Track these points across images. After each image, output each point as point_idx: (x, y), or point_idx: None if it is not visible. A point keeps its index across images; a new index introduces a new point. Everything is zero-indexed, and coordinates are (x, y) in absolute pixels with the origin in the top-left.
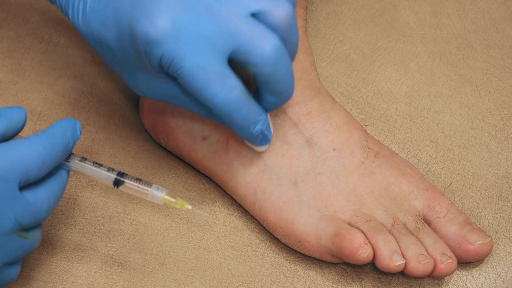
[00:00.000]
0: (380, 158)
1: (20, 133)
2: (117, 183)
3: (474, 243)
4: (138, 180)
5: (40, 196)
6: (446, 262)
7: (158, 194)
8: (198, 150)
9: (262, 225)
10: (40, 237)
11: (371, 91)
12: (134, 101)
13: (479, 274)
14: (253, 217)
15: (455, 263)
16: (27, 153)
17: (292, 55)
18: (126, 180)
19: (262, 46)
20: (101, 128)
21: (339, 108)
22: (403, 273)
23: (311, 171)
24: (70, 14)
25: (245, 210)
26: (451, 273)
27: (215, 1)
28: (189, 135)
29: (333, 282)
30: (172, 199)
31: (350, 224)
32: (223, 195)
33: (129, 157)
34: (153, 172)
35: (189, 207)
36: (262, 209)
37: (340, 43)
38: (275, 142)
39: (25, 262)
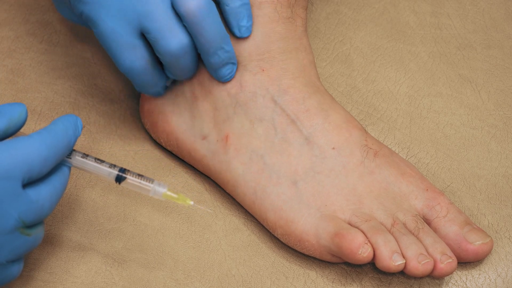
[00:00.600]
0: (380, 157)
1: (21, 131)
2: (119, 179)
3: (474, 243)
4: (140, 176)
5: (43, 193)
6: (446, 261)
7: (160, 189)
8: (197, 149)
9: (262, 225)
10: (42, 234)
11: (371, 91)
12: (134, 101)
13: (479, 274)
14: (253, 217)
15: (455, 263)
16: (30, 151)
17: (207, 49)
18: (128, 176)
19: (168, 40)
20: (101, 128)
21: (338, 107)
22: (403, 273)
23: (310, 170)
24: None
25: (245, 209)
26: (451, 272)
27: None
28: (189, 135)
29: (333, 282)
30: (174, 195)
31: (350, 224)
32: (223, 195)
33: (129, 157)
34: (153, 172)
35: (191, 202)
36: (262, 208)
37: (340, 43)
38: (273, 140)
39: (25, 262)
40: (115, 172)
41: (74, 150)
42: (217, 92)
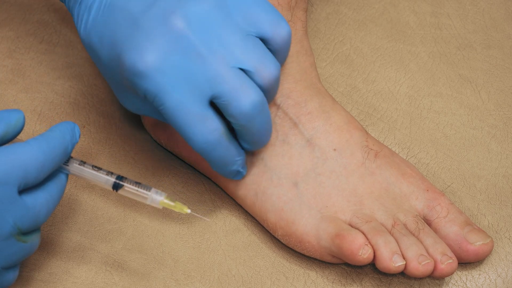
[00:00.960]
0: (381, 158)
1: (21, 132)
2: (116, 186)
3: (475, 244)
4: (137, 183)
5: (39, 200)
6: (446, 262)
7: (157, 198)
8: None
9: (262, 225)
10: (38, 241)
11: (371, 91)
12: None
13: (479, 274)
14: (253, 217)
15: (455, 263)
16: (26, 157)
17: (269, 103)
18: (125, 184)
19: (242, 100)
20: (101, 128)
21: (340, 109)
22: (403, 273)
23: (311, 171)
24: (74, 19)
25: (245, 210)
26: (452, 273)
27: (206, 48)
28: None
29: (333, 282)
30: (171, 203)
31: (350, 225)
32: (223, 196)
33: (129, 158)
34: (153, 172)
35: (188, 211)
36: (262, 209)
37: (340, 43)
38: (275, 142)
39: (25, 263)
40: (112, 179)
41: (71, 157)
42: None
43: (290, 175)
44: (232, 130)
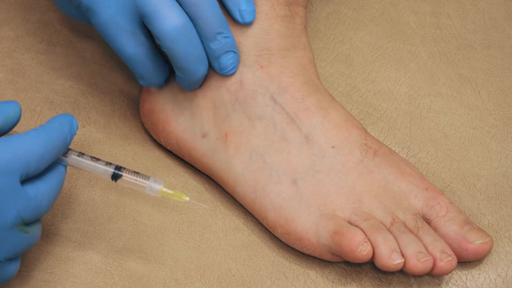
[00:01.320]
0: (379, 156)
1: (19, 132)
2: (115, 176)
3: (474, 242)
4: (136, 173)
5: (40, 190)
6: (445, 260)
7: (156, 186)
8: (197, 148)
9: (262, 225)
10: (40, 232)
11: (371, 91)
12: (134, 101)
13: (479, 274)
14: (253, 216)
15: (455, 261)
16: (27, 146)
17: (207, 34)
18: (123, 174)
19: (163, 20)
20: (101, 128)
21: (338, 106)
22: (403, 273)
23: (310, 168)
24: None
25: (245, 209)
26: (451, 271)
27: None
28: (189, 133)
29: (333, 281)
30: (170, 191)
31: (349, 223)
32: (223, 195)
33: (129, 157)
34: (153, 172)
35: (187, 198)
36: (261, 207)
37: (340, 43)
38: (273, 138)
39: (25, 262)
40: (111, 170)
41: (70, 149)
42: (217, 89)
43: (289, 172)
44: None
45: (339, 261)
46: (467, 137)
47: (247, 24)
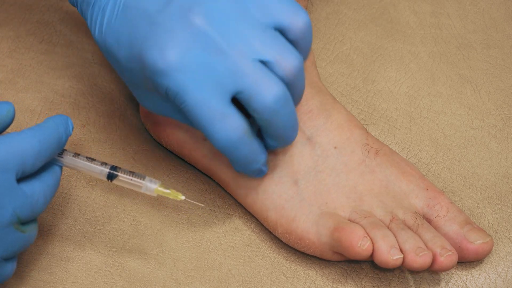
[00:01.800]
0: (381, 156)
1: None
2: (110, 176)
3: (474, 242)
4: (132, 173)
5: (37, 189)
6: (445, 255)
7: (151, 186)
8: (198, 149)
9: (262, 225)
10: (36, 232)
11: (371, 91)
12: (134, 101)
13: (479, 274)
14: (253, 216)
15: (455, 256)
16: (23, 145)
17: (296, 102)
18: (119, 174)
19: (264, 93)
20: (101, 128)
21: (340, 107)
22: (403, 272)
23: (312, 169)
24: (88, 22)
25: (245, 209)
26: (452, 266)
27: (226, 42)
28: (190, 135)
29: (333, 282)
30: (166, 190)
31: (349, 220)
32: (224, 195)
33: (129, 157)
34: (153, 172)
35: (182, 197)
36: (263, 208)
37: (340, 43)
38: None
39: (25, 262)
40: (106, 170)
41: (65, 149)
42: None
43: (290, 173)
44: (258, 131)
45: (340, 260)
46: (467, 137)
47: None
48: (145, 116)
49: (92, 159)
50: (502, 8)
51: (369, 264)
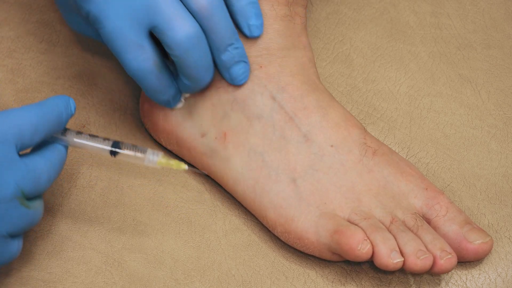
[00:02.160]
0: (379, 156)
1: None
2: (113, 152)
3: (474, 242)
4: (134, 146)
5: (39, 164)
6: (445, 257)
7: (154, 158)
8: (197, 147)
9: (262, 225)
10: (42, 210)
11: (371, 91)
12: (134, 101)
13: (479, 274)
14: (253, 216)
15: (455, 259)
16: (20, 117)
17: (217, 43)
18: (122, 148)
19: (176, 29)
20: (101, 128)
21: (337, 105)
22: (403, 272)
23: (309, 167)
24: None
25: (245, 209)
26: (451, 269)
27: None
28: (188, 133)
29: (333, 281)
30: (169, 161)
31: (349, 222)
32: (223, 195)
33: None
34: (153, 171)
35: (186, 167)
36: (261, 206)
37: (340, 43)
38: (272, 137)
39: (25, 262)
40: (108, 146)
41: (67, 129)
42: (215, 89)
43: (288, 171)
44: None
45: (339, 261)
46: (467, 137)
47: (254, 38)
48: (144, 116)
49: (95, 136)
50: (502, 8)
51: (369, 264)
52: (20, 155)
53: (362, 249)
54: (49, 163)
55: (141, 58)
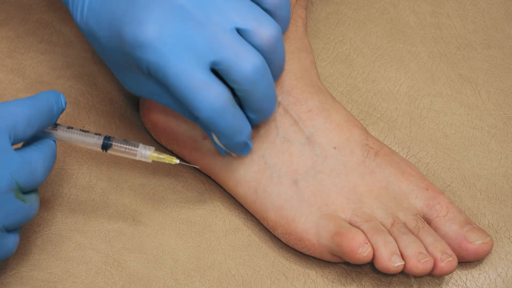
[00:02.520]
0: (381, 157)
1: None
2: (105, 146)
3: (474, 242)
4: (125, 141)
5: (34, 157)
6: (446, 260)
7: (146, 152)
8: (198, 149)
9: (262, 225)
10: (38, 204)
11: (371, 91)
12: (134, 101)
13: (479, 274)
14: (253, 216)
15: (455, 262)
16: (13, 109)
17: (276, 75)
18: (113, 143)
19: (243, 64)
20: (101, 128)
21: (340, 107)
22: (403, 273)
23: (311, 169)
24: (70, 7)
25: (245, 209)
26: (452, 271)
27: (203, 13)
28: (190, 134)
29: (333, 281)
30: (160, 156)
31: (350, 223)
32: (223, 195)
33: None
34: (153, 171)
35: (177, 161)
36: (262, 207)
37: (340, 43)
38: (275, 139)
39: (25, 262)
40: (100, 140)
41: (58, 124)
42: None
43: (290, 172)
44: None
45: (339, 262)
46: (467, 137)
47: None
48: (145, 116)
49: (86, 131)
50: (502, 8)
51: (369, 265)
52: (15, 149)
53: (363, 252)
54: (43, 156)
55: (214, 96)
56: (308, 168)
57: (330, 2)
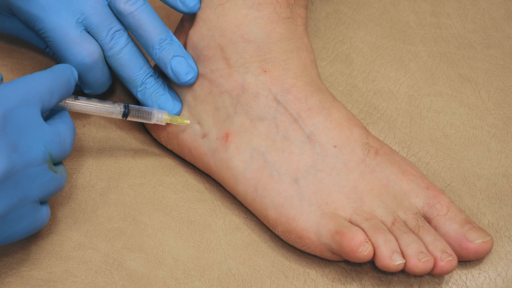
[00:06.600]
0: (381, 156)
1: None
2: (125, 114)
3: (474, 242)
4: (140, 107)
5: (62, 128)
6: (446, 259)
7: (161, 116)
8: (198, 147)
9: (262, 224)
10: (66, 175)
11: (371, 90)
12: (134, 101)
13: (479, 273)
14: (253, 216)
15: (455, 261)
16: (37, 81)
17: (150, 42)
18: (131, 111)
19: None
20: (101, 128)
21: (340, 106)
22: (403, 272)
23: (311, 167)
24: None
25: (245, 208)
26: (452, 270)
27: None
28: (189, 133)
29: (333, 281)
30: (173, 117)
31: (350, 222)
32: (224, 194)
33: (129, 157)
34: (153, 171)
35: (188, 121)
36: (262, 206)
37: (340, 43)
38: (275, 138)
39: (25, 262)
40: (121, 108)
41: (76, 95)
42: (218, 94)
43: (290, 171)
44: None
45: (339, 260)
46: (467, 136)
47: (195, 12)
48: None
49: (104, 101)
50: (502, 8)
51: (370, 264)
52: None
53: (363, 252)
54: (69, 127)
55: (87, 53)
56: (308, 166)
57: (330, 1)
